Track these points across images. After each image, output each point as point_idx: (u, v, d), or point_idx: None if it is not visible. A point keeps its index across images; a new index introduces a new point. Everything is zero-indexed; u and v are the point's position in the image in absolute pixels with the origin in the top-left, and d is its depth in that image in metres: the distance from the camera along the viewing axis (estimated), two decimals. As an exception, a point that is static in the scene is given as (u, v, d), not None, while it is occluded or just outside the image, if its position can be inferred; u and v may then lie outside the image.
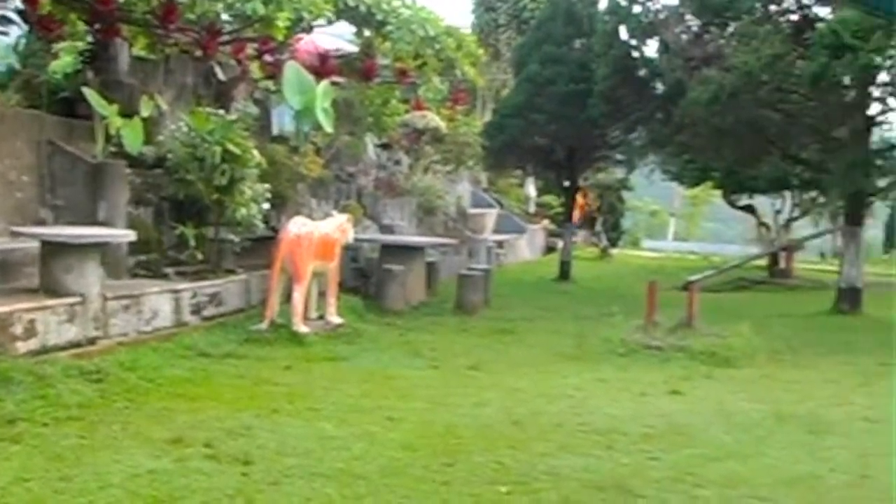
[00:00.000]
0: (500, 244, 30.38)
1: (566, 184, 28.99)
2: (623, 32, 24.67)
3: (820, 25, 20.00)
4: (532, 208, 39.77)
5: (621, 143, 27.88)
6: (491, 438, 8.63)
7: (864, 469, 8.04)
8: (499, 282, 22.52)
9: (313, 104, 17.63)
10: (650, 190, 47.05)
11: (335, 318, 14.78)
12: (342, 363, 12.42)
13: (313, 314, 14.69)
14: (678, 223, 52.20)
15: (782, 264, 31.65)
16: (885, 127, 24.15)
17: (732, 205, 36.05)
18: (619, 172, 37.66)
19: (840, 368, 13.74)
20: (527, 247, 35.56)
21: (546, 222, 38.58)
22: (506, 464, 7.78)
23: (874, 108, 21.40)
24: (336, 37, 21.42)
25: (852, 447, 8.88)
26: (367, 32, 20.28)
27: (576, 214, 31.91)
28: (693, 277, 17.83)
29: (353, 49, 20.74)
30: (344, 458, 7.70)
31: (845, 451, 8.73)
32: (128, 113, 14.15)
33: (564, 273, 27.61)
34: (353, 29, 20.41)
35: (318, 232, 14.41)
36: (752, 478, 7.66)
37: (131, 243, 12.93)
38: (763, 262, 32.00)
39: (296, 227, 14.03)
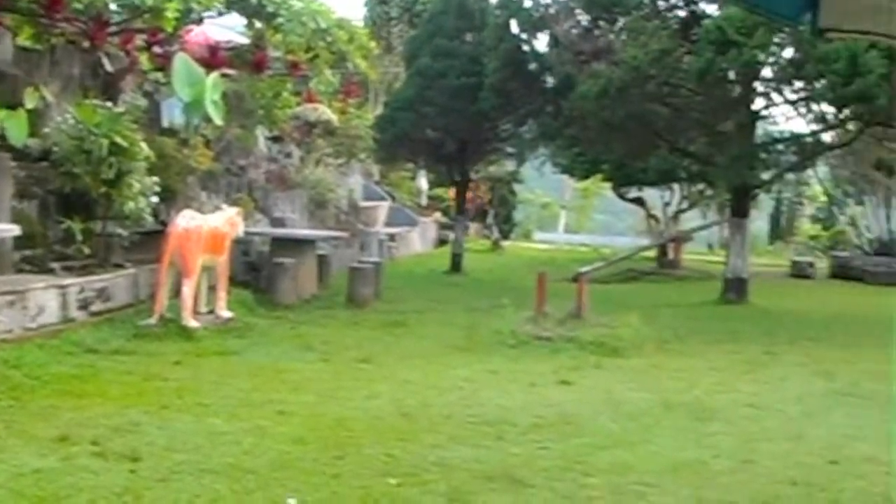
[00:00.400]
0: (392, 237, 30.34)
1: (458, 177, 29.08)
2: (514, 26, 24.86)
3: (706, 21, 20.37)
4: (424, 201, 39.81)
5: (512, 135, 28.12)
6: (381, 431, 8.60)
7: (747, 454, 8.19)
8: (391, 274, 22.50)
9: (203, 96, 17.35)
10: (541, 182, 47.41)
11: (225, 313, 14.61)
12: (232, 357, 12.26)
13: (203, 309, 14.48)
14: (569, 215, 52.74)
15: (671, 255, 32.16)
16: (769, 121, 24.75)
17: (622, 197, 36.54)
18: (510, 165, 37.88)
19: (726, 357, 14.01)
20: (419, 239, 35.60)
21: (438, 215, 38.68)
22: (396, 456, 7.75)
23: (758, 103, 21.88)
24: (226, 28, 21.13)
25: (737, 433, 9.04)
26: (257, 24, 20.01)
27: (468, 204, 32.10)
28: (583, 269, 18.02)
29: (244, 41, 20.46)
30: (234, 452, 7.60)
31: (730, 437, 8.89)
32: (12, 104, 13.78)
33: (456, 265, 27.68)
34: (244, 21, 20.13)
35: (208, 225, 14.22)
36: (639, 465, 7.75)
37: (16, 238, 12.59)
38: (652, 253, 32.48)
39: (184, 220, 13.81)
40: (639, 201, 36.42)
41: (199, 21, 18.07)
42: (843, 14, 5.06)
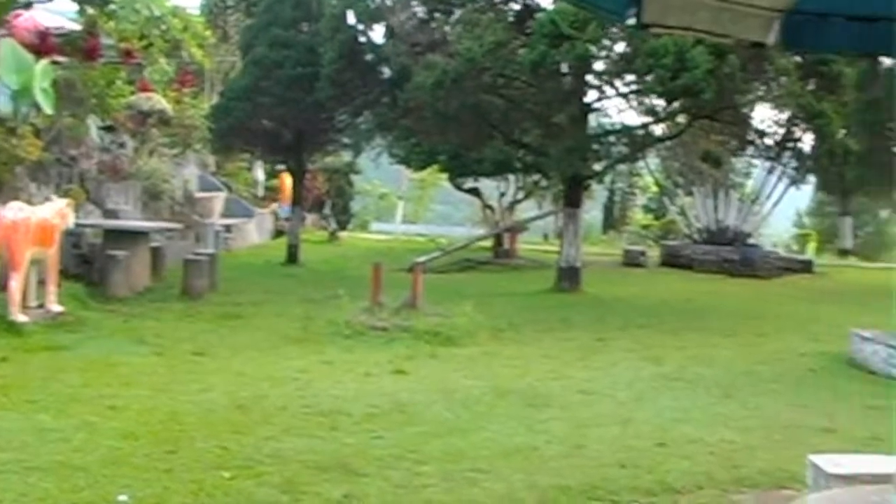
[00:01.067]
0: (228, 228, 29.90)
1: (294, 167, 28.89)
2: (350, 17, 24.75)
3: (540, 15, 20.64)
4: (261, 192, 39.36)
5: (348, 126, 28.00)
6: (214, 424, 8.48)
7: (578, 439, 8.35)
8: (227, 266, 22.17)
9: (31, 84, 16.79)
10: (379, 173, 47.40)
11: (55, 307, 14.19)
12: (63, 352, 11.94)
13: (32, 302, 14.03)
14: (407, 206, 52.81)
15: (506, 245, 32.50)
16: (601, 113, 25.26)
17: (458, 188, 36.79)
18: (347, 156, 37.78)
19: (559, 344, 14.28)
20: (256, 231, 35.18)
21: (275, 206, 38.31)
22: (229, 448, 7.65)
23: (591, 96, 22.32)
24: (57, 14, 20.52)
25: (568, 419, 9.22)
26: (90, 10, 19.51)
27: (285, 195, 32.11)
28: (419, 259, 18.13)
29: (76, 27, 19.91)
30: (62, 450, 7.39)
31: (561, 422, 9.06)
32: None
33: (292, 256, 27.47)
34: (76, 6, 19.59)
35: (36, 217, 13.77)
36: (473, 451, 7.83)
37: None
38: (489, 243, 32.84)
39: (11, 212, 13.35)
40: (475, 192, 36.72)
41: (28, 6, 17.50)
42: (665, 10, 5.17)
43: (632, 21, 5.11)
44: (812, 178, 34.17)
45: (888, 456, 6.21)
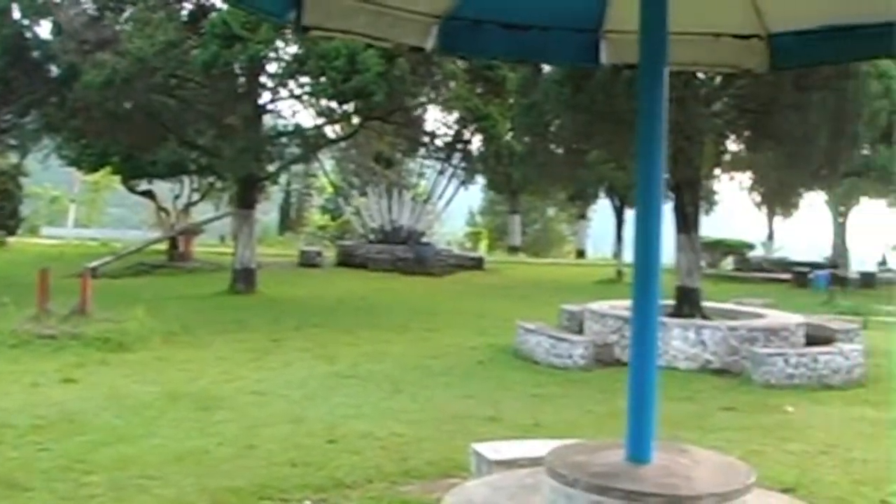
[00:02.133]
0: None
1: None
2: (16, 11, 23.66)
3: (213, 15, 20.47)
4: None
5: (14, 126, 26.77)
6: None
7: (250, 440, 8.36)
8: None
9: None
10: (50, 176, 45.59)
11: None
12: None
13: None
14: (79, 209, 51.07)
15: (182, 248, 32.03)
16: (277, 114, 25.32)
17: (132, 190, 35.90)
18: (13, 157, 36.08)
19: (233, 346, 14.24)
20: None
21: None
22: None
23: (265, 97, 22.33)
24: None
25: (241, 420, 9.20)
26: None
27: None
28: (90, 264, 17.59)
29: None
30: None
31: (234, 424, 9.03)
32: None
33: (-48, 264, 26.03)
34: None
35: None
36: (143, 458, 7.69)
37: None
38: (164, 246, 32.22)
39: None
40: (149, 194, 35.94)
41: None
42: (325, 13, 5.28)
43: (291, 23, 5.18)
44: (481, 178, 35.53)
45: (546, 440, 6.58)
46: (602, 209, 43.43)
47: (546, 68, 17.69)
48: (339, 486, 7.05)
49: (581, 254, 50.05)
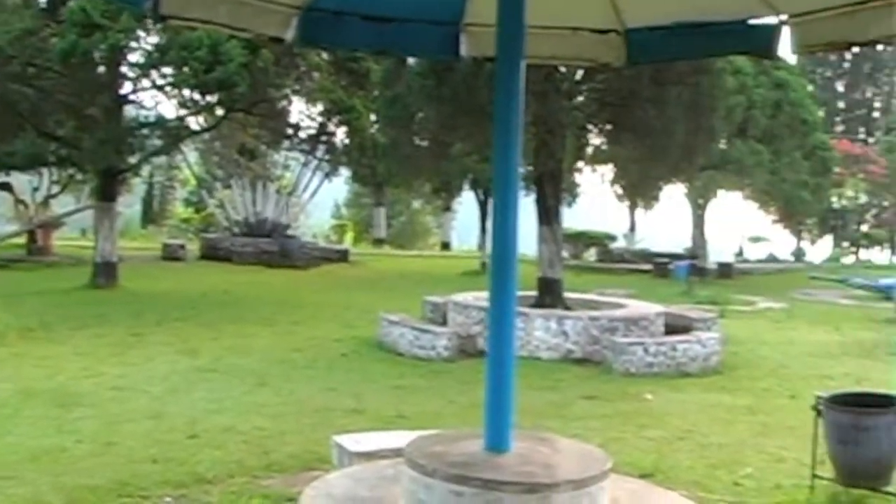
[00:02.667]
0: None
1: None
2: None
3: (71, 3, 19.99)
4: None
5: None
6: None
7: (109, 436, 8.25)
8: None
9: None
10: None
11: None
12: None
13: None
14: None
15: (40, 242, 31.21)
16: (139, 105, 24.86)
17: (-9, 182, 34.86)
18: None
19: (93, 341, 13.99)
20: None
21: None
22: None
23: (126, 87, 21.93)
24: None
25: (100, 417, 9.07)
26: None
27: None
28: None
29: None
30: None
31: (93, 420, 8.90)
32: None
33: None
34: None
35: None
36: (-3, 457, 7.54)
37: None
38: (22, 239, 31.39)
39: None
40: (6, 186, 34.88)
41: None
42: (184, 2, 5.24)
43: (149, 12, 5.13)
44: (346, 171, 35.50)
45: (407, 432, 6.65)
46: (467, 201, 43.71)
47: (410, 60, 17.77)
48: (200, 481, 7.02)
49: (446, 246, 50.37)
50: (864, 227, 53.71)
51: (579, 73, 16.93)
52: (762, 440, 8.85)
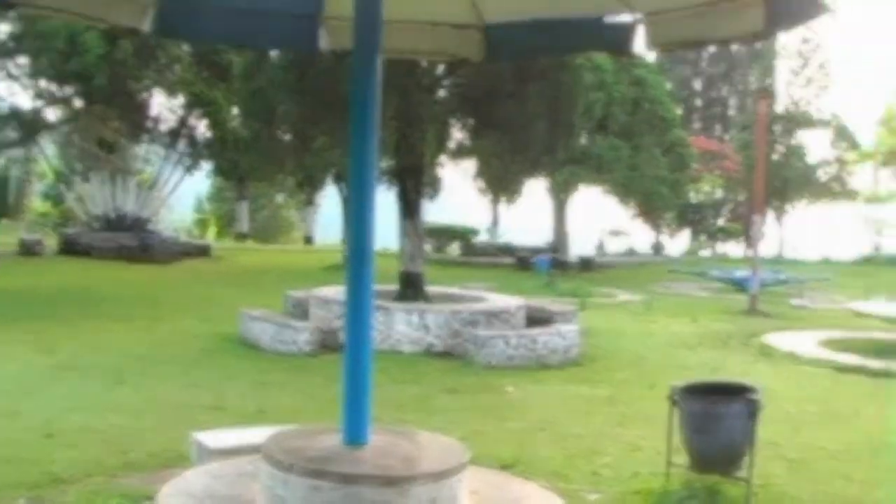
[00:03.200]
0: None
1: None
2: None
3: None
4: None
5: None
6: None
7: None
8: None
9: None
10: None
11: None
12: None
13: None
14: None
15: None
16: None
17: None
18: None
19: None
20: None
21: None
22: None
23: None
24: None
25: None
26: None
27: None
28: None
29: None
30: None
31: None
32: None
33: None
34: None
35: None
36: None
37: None
38: None
39: None
40: None
41: None
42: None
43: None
44: (208, 164, 35.09)
45: (268, 428, 6.64)
46: (331, 196, 43.61)
47: (272, 53, 17.67)
48: (56, 481, 6.88)
49: (309, 240, 50.22)
50: (721, 222, 55.34)
51: (441, 68, 17.04)
52: (620, 430, 9.08)
